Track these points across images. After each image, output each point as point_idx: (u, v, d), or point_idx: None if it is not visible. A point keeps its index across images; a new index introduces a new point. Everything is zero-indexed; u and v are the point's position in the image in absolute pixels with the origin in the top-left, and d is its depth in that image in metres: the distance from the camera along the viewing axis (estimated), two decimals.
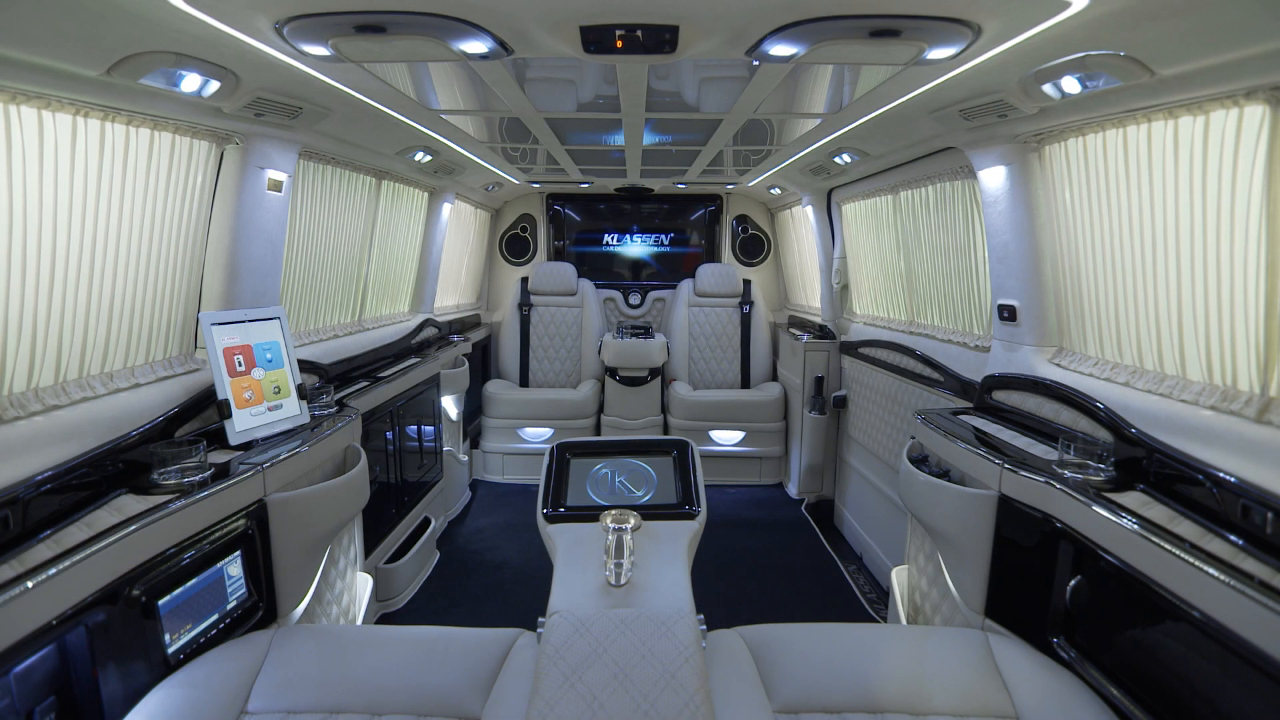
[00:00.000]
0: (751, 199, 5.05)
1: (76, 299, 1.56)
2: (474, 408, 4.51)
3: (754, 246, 5.15)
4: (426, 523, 3.27)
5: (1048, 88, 1.54)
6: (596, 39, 1.23)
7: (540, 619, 1.18)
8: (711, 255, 5.16)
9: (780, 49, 1.27)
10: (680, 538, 1.49)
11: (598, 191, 4.87)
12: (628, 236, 5.16)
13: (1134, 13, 1.13)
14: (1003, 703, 1.36)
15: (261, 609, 1.69)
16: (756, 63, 1.40)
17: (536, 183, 4.38)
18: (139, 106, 1.53)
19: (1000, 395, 2.18)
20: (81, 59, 1.25)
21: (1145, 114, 1.51)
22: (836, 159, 2.89)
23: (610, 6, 1.13)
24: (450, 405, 3.81)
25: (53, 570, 1.15)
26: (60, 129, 1.42)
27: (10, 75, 1.22)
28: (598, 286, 5.01)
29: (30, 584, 1.10)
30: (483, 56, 1.33)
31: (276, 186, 2.09)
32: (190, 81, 1.49)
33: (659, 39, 1.23)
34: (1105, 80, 1.40)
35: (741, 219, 5.11)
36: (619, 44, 1.23)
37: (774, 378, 4.79)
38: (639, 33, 1.21)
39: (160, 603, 1.39)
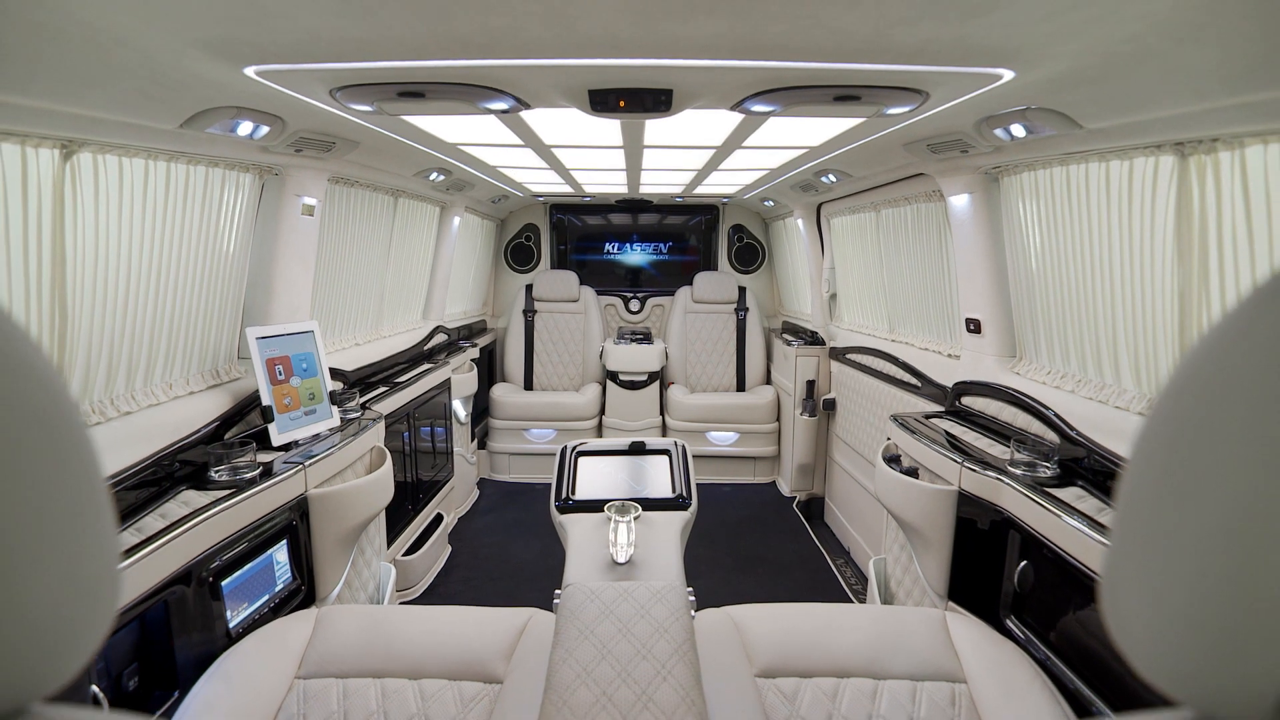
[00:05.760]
0: (746, 209, 5.26)
1: (142, 317, 1.77)
2: (480, 409, 4.71)
3: (749, 255, 5.36)
4: (439, 519, 3.48)
5: (999, 132, 1.75)
6: (601, 100, 1.44)
7: (556, 590, 1.39)
8: (708, 263, 5.36)
9: (759, 107, 1.49)
10: (674, 526, 1.70)
11: (599, 202, 5.08)
12: (628, 245, 5.37)
13: (1057, 81, 1.34)
14: (954, 669, 1.57)
15: (303, 592, 1.90)
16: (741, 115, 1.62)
17: (541, 195, 4.60)
18: (199, 149, 1.74)
19: (968, 400, 2.40)
20: (162, 117, 1.46)
21: (1082, 157, 1.73)
22: (823, 179, 3.10)
23: (614, 76, 1.34)
24: (460, 408, 4.01)
25: (141, 554, 1.36)
26: (135, 172, 1.63)
27: (103, 132, 1.43)
28: (599, 293, 5.21)
29: (125, 564, 1.31)
30: (504, 111, 1.54)
31: (309, 211, 2.30)
32: (244, 127, 1.69)
33: (656, 100, 1.44)
34: (1044, 129, 1.61)
35: (737, 228, 5.32)
36: (621, 104, 1.44)
37: (767, 381, 4.99)
38: (639, 95, 1.42)
39: (224, 583, 1.60)
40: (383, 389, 2.93)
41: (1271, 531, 0.31)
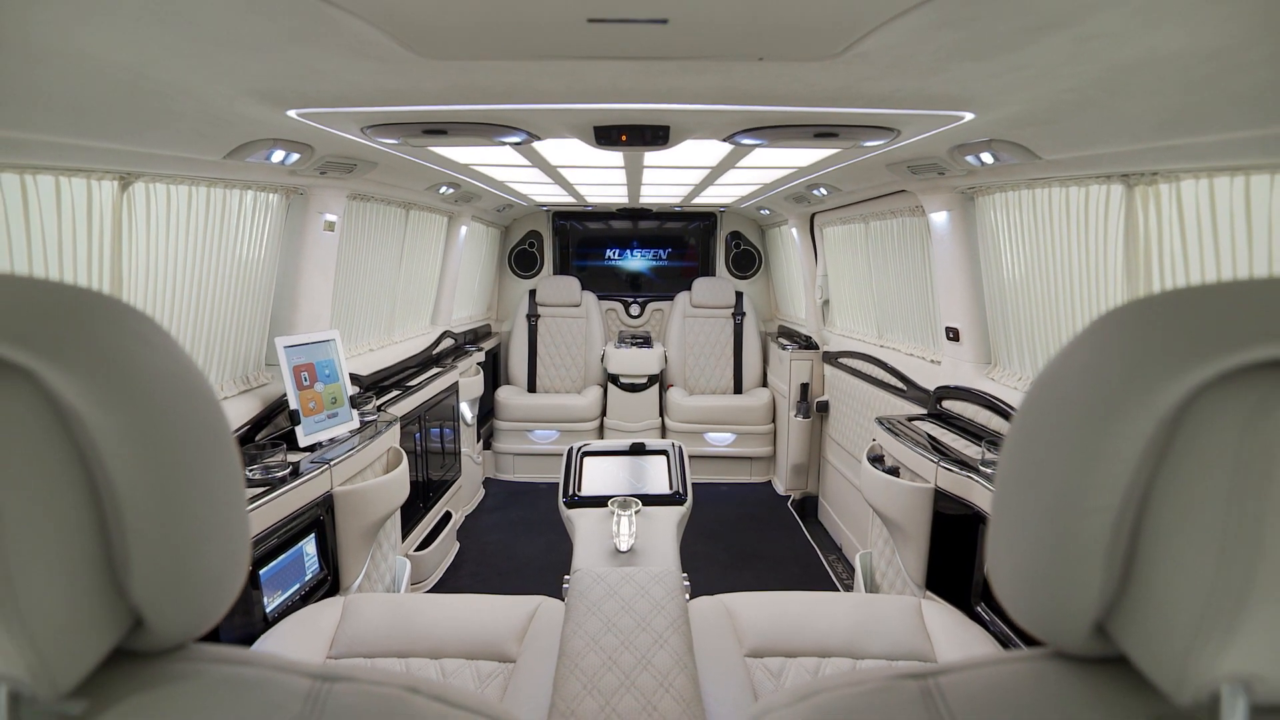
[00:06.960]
0: (744, 217, 5.42)
1: (183, 329, 1.93)
2: (486, 411, 4.87)
3: (746, 261, 5.51)
4: (448, 516, 3.64)
5: (970, 158, 1.90)
6: (605, 135, 1.60)
7: (565, 576, 1.55)
8: (706, 269, 5.51)
9: (748, 140, 1.64)
10: (671, 519, 1.86)
11: (601, 210, 5.23)
12: (628, 251, 5.53)
13: (1012, 120, 1.49)
14: (926, 650, 1.72)
15: (329, 582, 2.06)
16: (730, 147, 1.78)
17: (544, 205, 4.75)
18: (237, 175, 1.90)
19: (948, 404, 2.55)
20: (209, 150, 1.61)
21: (1045, 182, 1.88)
22: (815, 192, 3.26)
23: (617, 116, 1.50)
24: (466, 410, 4.17)
25: None
26: (180, 198, 1.79)
27: (157, 165, 1.59)
28: (600, 298, 5.36)
29: None
30: (516, 143, 1.70)
31: (330, 227, 2.46)
32: (278, 155, 1.85)
33: (654, 135, 1.59)
34: (1008, 159, 1.77)
35: (735, 235, 5.47)
36: (623, 139, 1.60)
37: (764, 384, 5.14)
38: (639, 130, 1.58)
39: (261, 572, 1.75)
40: (396, 392, 3.09)
41: (1075, 509, 0.46)
